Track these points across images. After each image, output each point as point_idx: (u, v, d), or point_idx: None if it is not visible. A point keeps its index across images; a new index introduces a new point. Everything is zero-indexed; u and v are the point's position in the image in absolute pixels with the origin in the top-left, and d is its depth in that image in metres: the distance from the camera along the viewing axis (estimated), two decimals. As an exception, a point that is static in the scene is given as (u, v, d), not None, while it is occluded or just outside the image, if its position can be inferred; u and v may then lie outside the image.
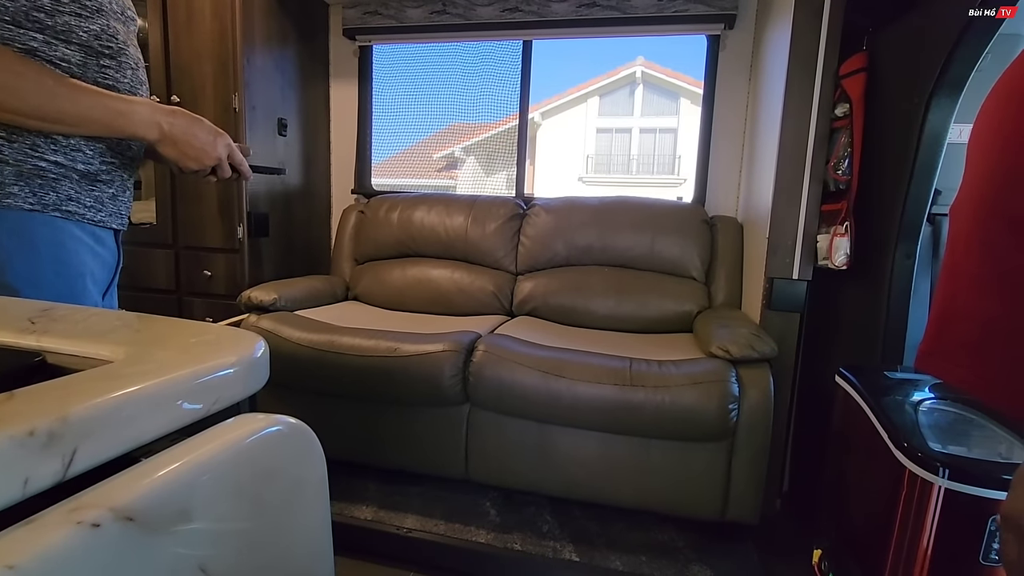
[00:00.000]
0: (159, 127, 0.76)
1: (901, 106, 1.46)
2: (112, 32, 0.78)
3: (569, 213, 2.21)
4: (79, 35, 0.73)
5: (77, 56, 0.73)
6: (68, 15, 0.71)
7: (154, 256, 2.23)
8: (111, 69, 0.78)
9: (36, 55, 0.69)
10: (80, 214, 0.77)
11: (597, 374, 1.52)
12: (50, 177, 0.73)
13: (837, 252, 1.56)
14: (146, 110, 0.75)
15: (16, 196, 0.70)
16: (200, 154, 0.81)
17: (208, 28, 2.07)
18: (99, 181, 0.79)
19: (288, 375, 1.75)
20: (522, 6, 2.31)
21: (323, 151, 2.66)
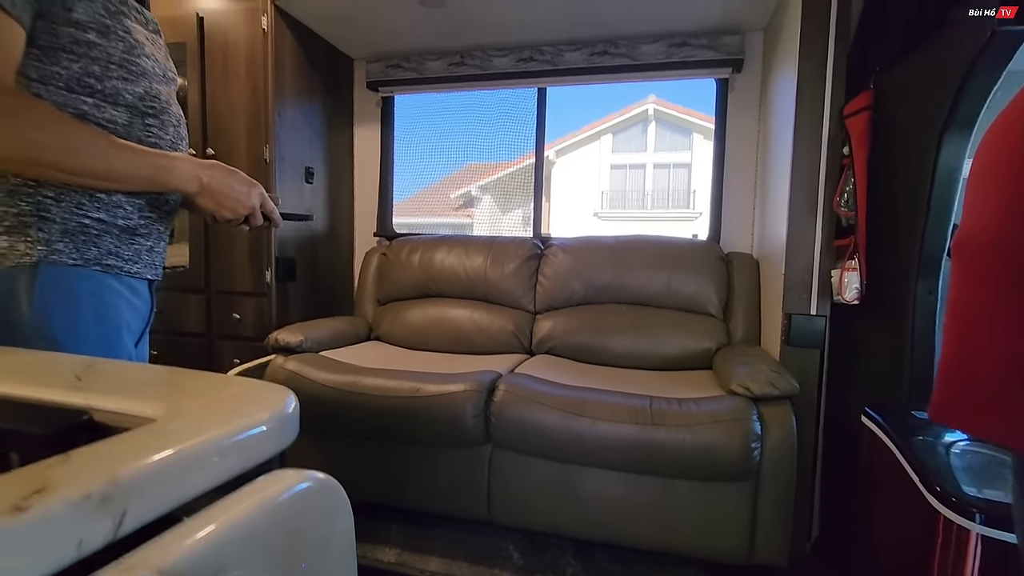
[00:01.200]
0: (198, 180, 0.80)
1: (910, 143, 1.49)
2: (155, 93, 0.83)
3: (586, 252, 2.26)
4: (125, 97, 0.79)
5: (123, 117, 0.79)
6: (116, 79, 0.77)
7: (187, 301, 2.31)
8: (154, 127, 0.83)
9: (87, 118, 0.74)
10: (119, 267, 0.81)
11: (618, 413, 1.53)
12: (92, 233, 0.77)
13: (848, 287, 1.57)
14: (186, 165, 0.79)
15: (61, 252, 0.74)
16: (235, 204, 0.85)
17: (242, 86, 2.21)
18: (137, 235, 0.83)
19: (313, 416, 1.79)
20: (536, 56, 2.42)
21: (347, 196, 2.76)
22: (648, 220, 11.37)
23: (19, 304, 0.71)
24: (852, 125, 1.61)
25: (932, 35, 1.40)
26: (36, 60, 0.70)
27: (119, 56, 0.77)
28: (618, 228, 11.34)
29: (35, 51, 0.69)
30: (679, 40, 2.25)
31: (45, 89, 0.71)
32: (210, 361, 2.32)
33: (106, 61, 0.75)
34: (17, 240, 0.71)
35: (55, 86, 0.72)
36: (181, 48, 2.27)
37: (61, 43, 0.71)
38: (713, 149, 2.36)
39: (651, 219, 11.37)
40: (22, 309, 0.71)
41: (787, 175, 1.74)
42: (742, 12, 2.09)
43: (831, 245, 1.69)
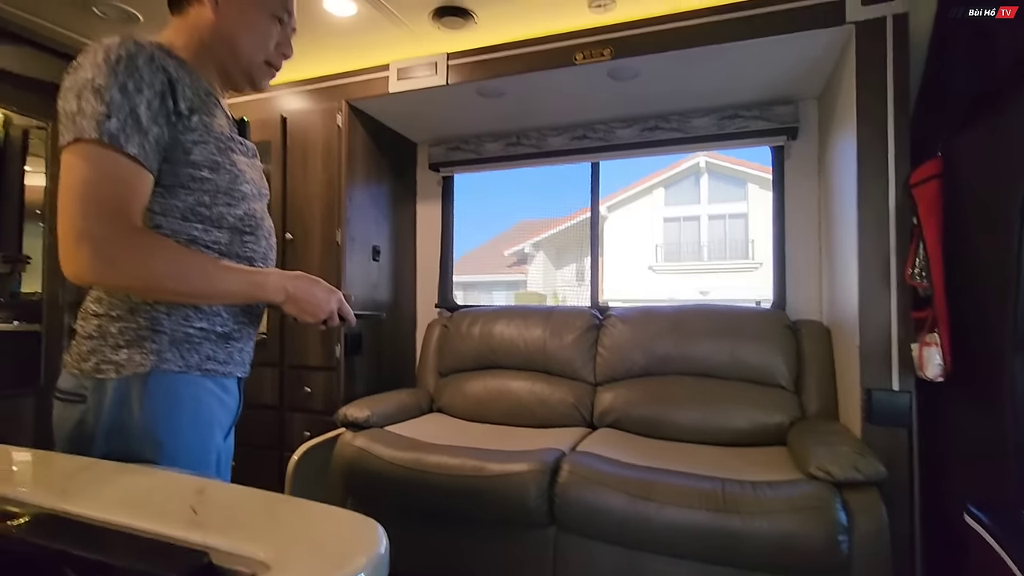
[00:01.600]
0: (285, 291, 0.88)
1: (989, 211, 1.42)
2: (252, 212, 0.93)
3: (645, 322, 2.25)
4: (229, 220, 0.88)
5: (226, 237, 0.88)
6: (221, 206, 0.87)
7: (263, 374, 2.46)
8: (250, 242, 0.93)
9: (196, 242, 0.84)
10: (215, 370, 0.88)
11: (688, 497, 1.47)
12: (195, 341, 0.85)
13: (928, 363, 1.48)
14: (276, 278, 0.88)
15: (169, 360, 0.82)
16: (316, 310, 0.93)
17: (319, 176, 2.42)
18: (231, 339, 0.91)
19: (379, 493, 1.82)
20: (590, 133, 2.53)
21: (409, 270, 2.90)
22: (706, 272, 11.14)
23: (132, 410, 0.79)
24: (920, 194, 1.56)
25: (1002, 101, 1.36)
26: (159, 196, 0.81)
27: (225, 186, 0.87)
28: (674, 281, 11.14)
29: (159, 189, 0.81)
30: (730, 112, 2.29)
31: (164, 220, 0.81)
32: (281, 433, 2.43)
33: (215, 192, 0.86)
34: (135, 352, 0.80)
35: (173, 217, 0.82)
36: (267, 145, 2.53)
37: (180, 181, 0.82)
38: (772, 214, 2.33)
39: (709, 271, 11.15)
40: (134, 414, 0.79)
41: (854, 243, 1.69)
42: (794, 84, 2.11)
43: (908, 316, 1.61)
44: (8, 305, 2.71)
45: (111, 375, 0.79)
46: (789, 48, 1.83)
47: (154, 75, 0.77)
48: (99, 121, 0.71)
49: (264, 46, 0.94)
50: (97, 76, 0.73)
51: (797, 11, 1.73)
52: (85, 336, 0.82)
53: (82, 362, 0.80)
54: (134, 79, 0.74)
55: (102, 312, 0.81)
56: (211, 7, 0.88)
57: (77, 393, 0.80)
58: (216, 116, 0.88)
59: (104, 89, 0.72)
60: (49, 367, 2.69)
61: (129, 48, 0.76)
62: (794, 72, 2.01)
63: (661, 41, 1.88)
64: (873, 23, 1.65)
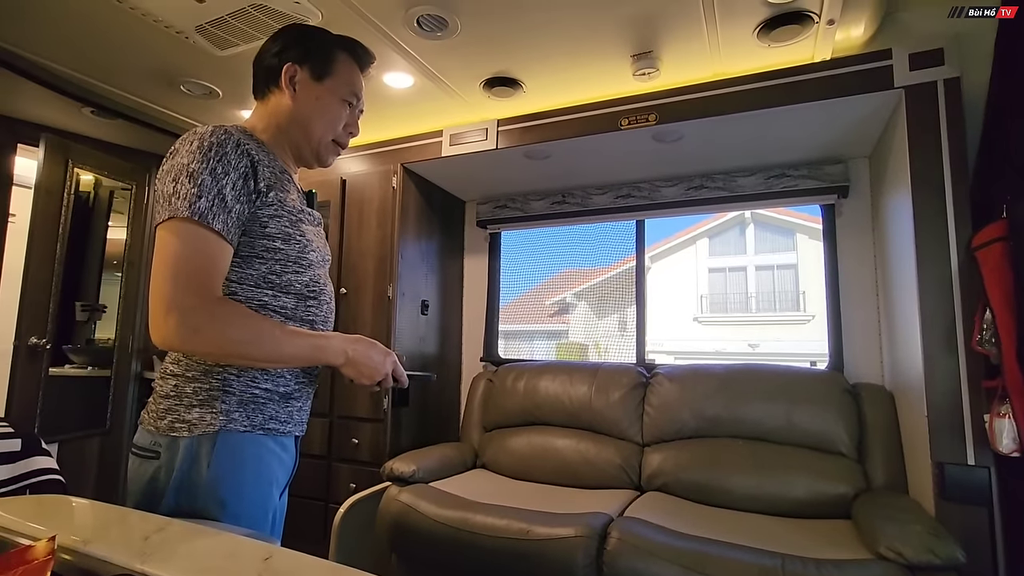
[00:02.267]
0: (346, 354, 0.91)
1: None
2: (316, 278, 0.99)
3: (694, 382, 2.20)
4: (295, 287, 0.93)
5: (292, 302, 0.93)
6: (290, 274, 0.93)
7: (312, 424, 2.51)
8: (313, 307, 0.98)
9: (266, 308, 0.89)
10: (276, 429, 0.91)
11: (745, 573, 1.40)
12: (260, 401, 0.89)
13: (1001, 436, 1.39)
14: (338, 342, 0.92)
15: (236, 420, 0.86)
16: (373, 373, 0.96)
17: (373, 234, 2.54)
18: (292, 399, 0.95)
19: (424, 551, 1.81)
20: (634, 192, 2.57)
21: (456, 323, 2.96)
22: (754, 324, 10.81)
23: (200, 468, 0.83)
24: (984, 257, 1.50)
25: None
26: (236, 266, 0.87)
27: (295, 255, 0.94)
28: (720, 332, 10.85)
29: (236, 259, 0.87)
30: (777, 172, 2.29)
31: (239, 287, 0.87)
32: (328, 483, 2.46)
33: (285, 260, 0.92)
34: (206, 412, 0.85)
35: (247, 284, 0.88)
36: (327, 205, 2.69)
37: (255, 251, 0.89)
38: (824, 271, 2.28)
39: (757, 323, 10.81)
40: (202, 473, 0.83)
41: (915, 306, 1.63)
42: (844, 144, 2.11)
43: (980, 384, 1.53)
44: (83, 351, 2.91)
45: (184, 433, 0.83)
46: (836, 112, 1.85)
47: (239, 159, 0.84)
48: (191, 202, 0.79)
49: (334, 128, 1.02)
50: (192, 162, 0.81)
51: (842, 77, 1.75)
52: (163, 395, 0.87)
53: (158, 420, 0.85)
54: (222, 163, 0.82)
55: (179, 373, 0.87)
56: (289, 95, 0.97)
57: (152, 450, 0.85)
58: (289, 192, 0.95)
59: (197, 173, 0.80)
60: (115, 411, 2.84)
61: (219, 136, 0.84)
62: (842, 133, 2.01)
63: (706, 107, 1.93)
64: (923, 87, 1.65)
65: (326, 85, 0.99)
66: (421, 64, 1.91)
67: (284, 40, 0.99)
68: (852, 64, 1.75)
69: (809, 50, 1.75)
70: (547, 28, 1.69)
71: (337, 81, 1.00)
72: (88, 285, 3.07)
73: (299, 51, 0.98)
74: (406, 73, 1.99)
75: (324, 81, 0.99)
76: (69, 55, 1.98)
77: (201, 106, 2.35)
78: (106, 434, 2.80)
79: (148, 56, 1.95)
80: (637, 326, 2.61)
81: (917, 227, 1.64)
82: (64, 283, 2.60)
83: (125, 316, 2.89)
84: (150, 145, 2.92)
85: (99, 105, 2.32)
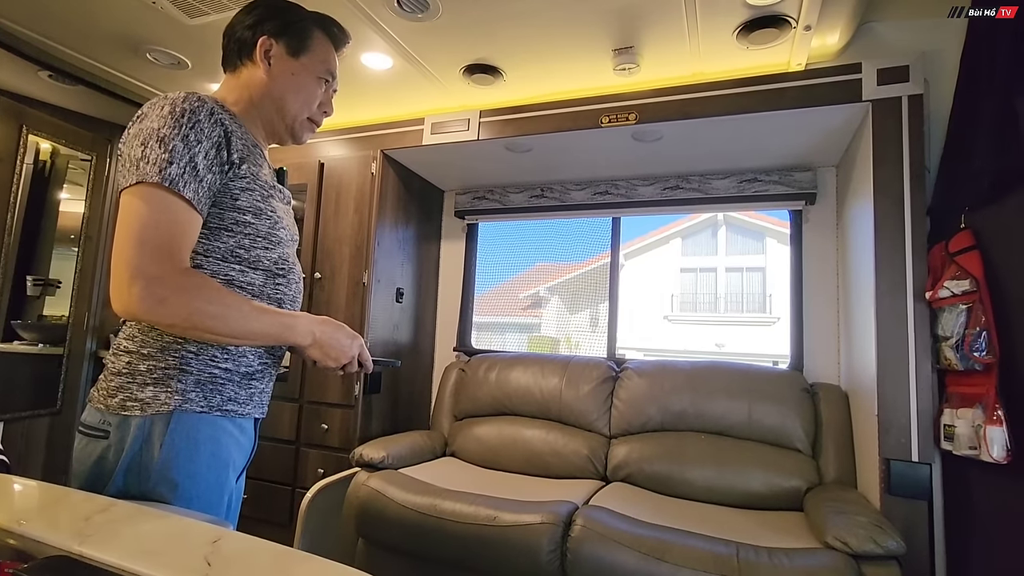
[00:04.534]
0: (312, 335, 0.89)
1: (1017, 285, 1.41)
2: (285, 256, 0.96)
3: (662, 377, 2.26)
4: (264, 263, 0.91)
5: (260, 279, 0.90)
6: (259, 249, 0.90)
7: (282, 408, 2.50)
8: (282, 285, 0.96)
9: (233, 283, 0.86)
10: (235, 411, 0.89)
11: (702, 561, 1.46)
12: (219, 382, 0.86)
13: (992, 444, 1.40)
14: (305, 322, 0.89)
15: (192, 400, 0.83)
16: (339, 355, 0.94)
17: (350, 220, 2.52)
18: (254, 379, 0.92)
19: (390, 536, 1.82)
20: (612, 190, 2.61)
21: (430, 312, 2.96)
22: (722, 324, 11.06)
23: (152, 449, 0.80)
24: (969, 263, 1.53)
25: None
26: (203, 238, 0.84)
27: (265, 231, 0.91)
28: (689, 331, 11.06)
29: (204, 231, 0.84)
30: (750, 176, 2.37)
31: (205, 260, 0.84)
32: (296, 468, 2.45)
33: (255, 235, 0.90)
34: (160, 391, 0.81)
35: (214, 257, 0.85)
36: (303, 188, 2.65)
37: (224, 224, 0.86)
38: (790, 275, 2.36)
39: (725, 323, 11.06)
40: (154, 454, 0.80)
41: (871, 310, 1.72)
42: (813, 152, 2.19)
43: (931, 388, 1.61)
44: (34, 327, 2.78)
45: (136, 413, 0.80)
46: (808, 120, 1.92)
47: (213, 128, 0.82)
48: (161, 167, 0.76)
49: (309, 106, 1.01)
50: (163, 127, 0.78)
51: (816, 87, 1.82)
52: (114, 372, 0.83)
53: (109, 398, 0.82)
54: (195, 131, 0.79)
55: (133, 349, 0.83)
56: (264, 69, 0.95)
57: (101, 429, 0.81)
58: (262, 166, 0.94)
59: (168, 139, 0.77)
60: (68, 390, 2.75)
61: (193, 103, 0.81)
62: (813, 142, 2.09)
63: (686, 109, 1.97)
64: (889, 102, 1.73)
65: (302, 62, 0.98)
66: (400, 46, 1.89)
67: (259, 12, 0.97)
68: (825, 76, 1.82)
69: (786, 55, 1.81)
70: (529, 17, 1.69)
71: (313, 59, 0.99)
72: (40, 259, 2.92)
73: (275, 25, 0.96)
74: (385, 54, 1.96)
75: (300, 58, 0.98)
76: (25, 13, 1.86)
77: (168, 76, 2.26)
78: (57, 414, 2.70)
79: (112, 20, 1.86)
80: (609, 321, 2.66)
81: (877, 235, 1.72)
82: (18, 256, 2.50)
83: (81, 292, 2.79)
84: (112, 115, 2.77)
85: (58, 69, 2.19)
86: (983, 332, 1.47)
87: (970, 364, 1.50)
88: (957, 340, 1.53)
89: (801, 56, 1.78)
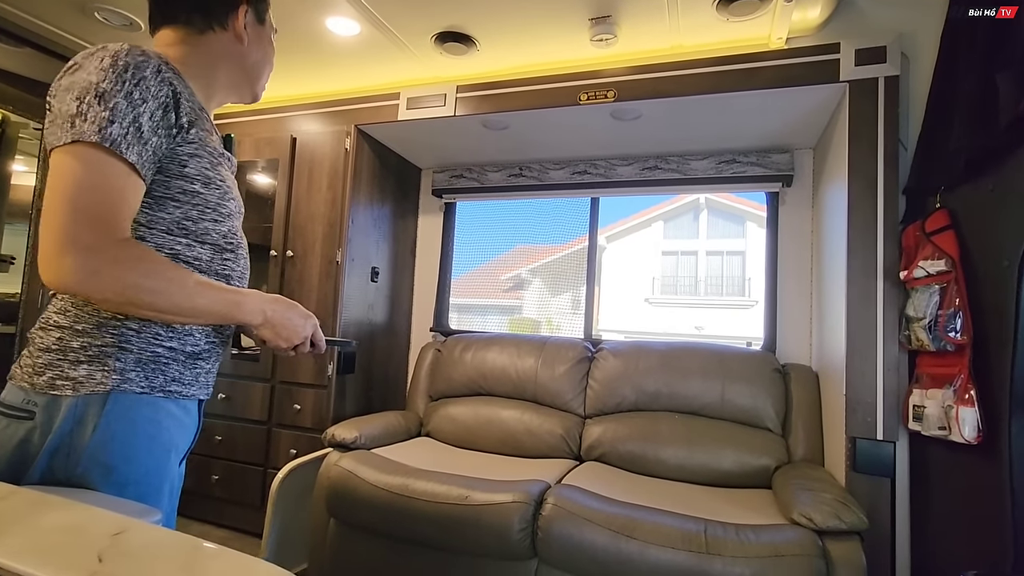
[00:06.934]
0: (263, 313, 0.85)
1: (989, 265, 1.41)
2: (233, 230, 0.90)
3: (637, 358, 2.27)
4: (212, 237, 0.86)
5: (207, 254, 0.85)
6: (207, 222, 0.84)
7: (253, 389, 2.46)
8: (230, 260, 0.91)
9: (178, 257, 0.81)
10: (179, 392, 0.84)
11: (670, 537, 1.47)
12: (162, 361, 0.81)
13: (964, 424, 1.40)
14: (255, 300, 0.85)
15: (131, 381, 0.77)
16: (291, 335, 0.90)
17: (323, 197, 2.46)
18: (200, 359, 0.88)
19: (362, 516, 1.81)
20: (590, 169, 2.59)
21: (407, 292, 2.93)
22: (701, 307, 11.19)
23: (84, 431, 0.74)
24: (945, 243, 1.52)
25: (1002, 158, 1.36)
26: (146, 208, 0.78)
27: (214, 202, 0.86)
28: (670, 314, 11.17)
29: (147, 200, 0.78)
30: (728, 157, 2.36)
31: (149, 232, 0.79)
32: (268, 449, 2.42)
33: (203, 207, 0.84)
34: (96, 369, 0.76)
35: (158, 229, 0.79)
36: (275, 163, 2.58)
37: (171, 193, 0.80)
38: (765, 258, 2.37)
39: (704, 305, 11.20)
40: (85, 436, 0.74)
41: (842, 291, 1.73)
42: (790, 134, 2.18)
43: (898, 367, 1.64)
44: (-16, 306, 2.66)
45: (67, 392, 0.74)
46: (786, 101, 1.90)
47: (160, 87, 0.75)
48: (101, 126, 0.69)
49: (271, 65, 1.00)
50: (103, 81, 0.71)
51: (793, 67, 1.80)
52: (43, 348, 0.77)
53: (35, 376, 0.75)
54: (140, 89, 0.73)
55: (66, 324, 0.77)
56: (241, 40, 0.91)
57: (24, 409, 0.75)
58: (210, 132, 0.89)
59: (109, 95, 0.70)
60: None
61: (137, 57, 0.74)
62: (790, 123, 2.08)
63: (664, 87, 1.95)
64: (866, 83, 1.72)
65: (265, 26, 0.96)
66: (367, 9, 1.82)
67: None
68: (803, 55, 1.80)
69: (766, 27, 1.78)
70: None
71: (270, 20, 0.98)
72: None
73: None
74: (351, 19, 1.89)
75: (263, 23, 0.95)
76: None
77: (119, 38, 2.13)
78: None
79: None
80: (586, 301, 2.66)
81: (850, 218, 1.72)
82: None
83: (34, 269, 2.67)
84: None
85: (1, 30, 2.06)
86: (958, 313, 1.46)
87: (943, 345, 1.49)
88: (930, 320, 1.53)
89: (782, 29, 1.76)
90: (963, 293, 1.48)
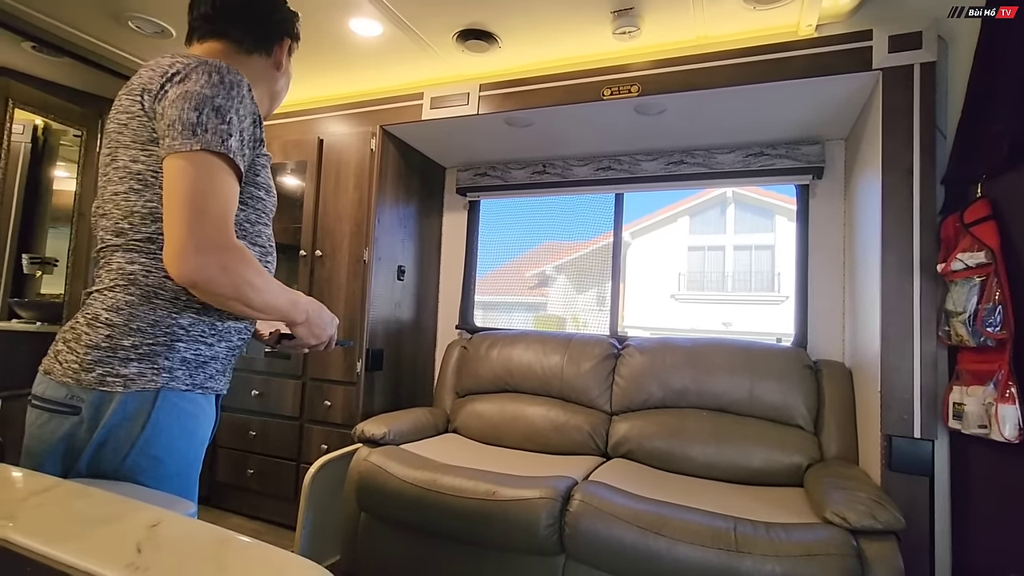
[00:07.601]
0: (307, 313, 0.93)
1: None
2: (270, 234, 0.98)
3: (663, 354, 2.25)
4: (261, 239, 0.93)
5: (256, 254, 0.91)
6: (261, 224, 0.93)
7: (285, 386, 2.52)
8: (270, 263, 0.97)
9: None
10: (213, 388, 0.89)
11: (699, 535, 1.46)
12: (203, 360, 0.86)
13: (1005, 422, 1.35)
14: (304, 300, 0.92)
15: (178, 379, 0.82)
16: (321, 333, 0.98)
17: (350, 197, 2.50)
18: (232, 356, 0.93)
19: (391, 510, 1.84)
20: (615, 165, 2.57)
21: (432, 290, 2.96)
22: (729, 303, 10.99)
23: (134, 426, 0.78)
24: (985, 235, 1.46)
25: None
26: None
27: (270, 208, 0.95)
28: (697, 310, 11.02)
29: None
30: (756, 150, 2.31)
31: None
32: (300, 444, 2.48)
33: (261, 211, 0.92)
34: (146, 368, 0.79)
35: None
36: (303, 165, 2.63)
37: (242, 198, 0.87)
38: (796, 252, 2.32)
39: (733, 302, 11.00)
40: (135, 431, 0.78)
41: (877, 286, 1.68)
42: (821, 125, 2.13)
43: (934, 363, 1.59)
44: (32, 306, 2.79)
45: (118, 389, 0.77)
46: (816, 91, 1.86)
47: (252, 104, 0.84)
48: (223, 138, 0.77)
49: None
50: (217, 96, 0.78)
51: (824, 56, 1.75)
52: (91, 345, 0.78)
53: (82, 372, 0.77)
54: (244, 105, 0.81)
55: (119, 322, 0.79)
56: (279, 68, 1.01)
57: (69, 404, 0.78)
58: None
59: (224, 110, 0.78)
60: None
61: (236, 76, 0.82)
62: (820, 114, 2.03)
63: (689, 80, 1.92)
64: (900, 70, 1.67)
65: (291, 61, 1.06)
66: (389, 9, 1.83)
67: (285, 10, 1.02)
68: (834, 43, 1.75)
69: (795, 15, 1.73)
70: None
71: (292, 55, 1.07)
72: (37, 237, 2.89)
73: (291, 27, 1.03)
74: (373, 20, 1.91)
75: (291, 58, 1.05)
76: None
77: (152, 46, 2.18)
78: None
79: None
80: (612, 297, 2.64)
81: (884, 210, 1.67)
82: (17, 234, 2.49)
83: (75, 271, 2.79)
84: (102, 88, 2.68)
85: (40, 40, 2.12)
86: (998, 307, 1.41)
87: (982, 340, 1.44)
88: (969, 315, 1.47)
89: (811, 16, 1.71)
90: (1004, 286, 1.42)
